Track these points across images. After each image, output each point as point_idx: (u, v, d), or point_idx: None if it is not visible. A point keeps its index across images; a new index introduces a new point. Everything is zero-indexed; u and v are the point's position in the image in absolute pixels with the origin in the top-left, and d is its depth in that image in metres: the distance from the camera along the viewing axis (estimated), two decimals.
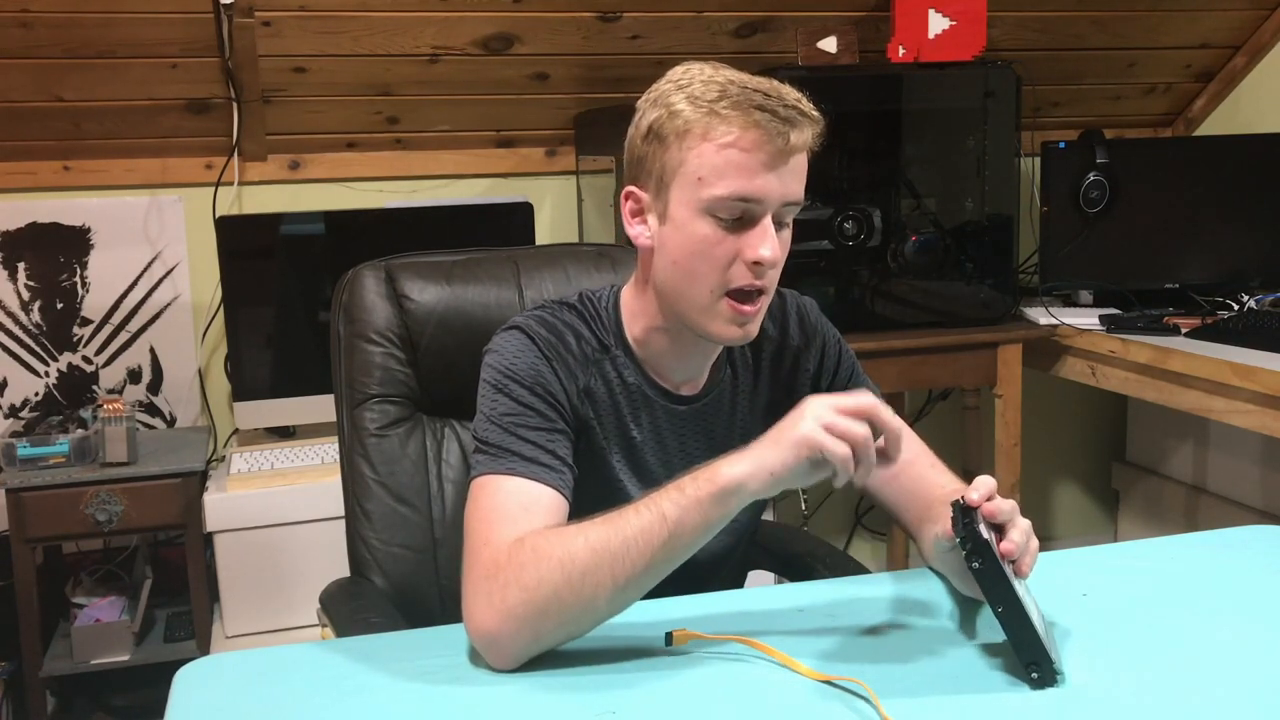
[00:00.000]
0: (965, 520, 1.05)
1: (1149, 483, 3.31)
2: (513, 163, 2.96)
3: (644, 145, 1.20)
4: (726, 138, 1.14)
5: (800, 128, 1.15)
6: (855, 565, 1.56)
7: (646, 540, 1.05)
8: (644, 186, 1.22)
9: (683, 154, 1.16)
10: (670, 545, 1.05)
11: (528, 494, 1.14)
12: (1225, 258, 2.86)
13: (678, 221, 1.18)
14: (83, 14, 2.38)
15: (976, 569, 1.03)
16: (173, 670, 1.11)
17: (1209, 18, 3.03)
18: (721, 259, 1.17)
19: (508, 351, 1.23)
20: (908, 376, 2.67)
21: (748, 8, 2.71)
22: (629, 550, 1.04)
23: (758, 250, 1.15)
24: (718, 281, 1.17)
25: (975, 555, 1.03)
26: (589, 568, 1.04)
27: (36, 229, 2.68)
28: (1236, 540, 1.42)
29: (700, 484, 1.06)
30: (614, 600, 1.07)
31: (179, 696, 1.06)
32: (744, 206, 1.15)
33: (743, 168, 1.14)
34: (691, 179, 1.16)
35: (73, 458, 2.39)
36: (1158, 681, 1.04)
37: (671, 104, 1.17)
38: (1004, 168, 2.64)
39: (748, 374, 1.36)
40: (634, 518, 1.06)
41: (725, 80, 1.16)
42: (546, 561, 1.05)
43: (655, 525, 1.05)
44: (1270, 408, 2.22)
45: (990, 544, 1.03)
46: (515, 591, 1.05)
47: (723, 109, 1.14)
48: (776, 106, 1.13)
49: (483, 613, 1.06)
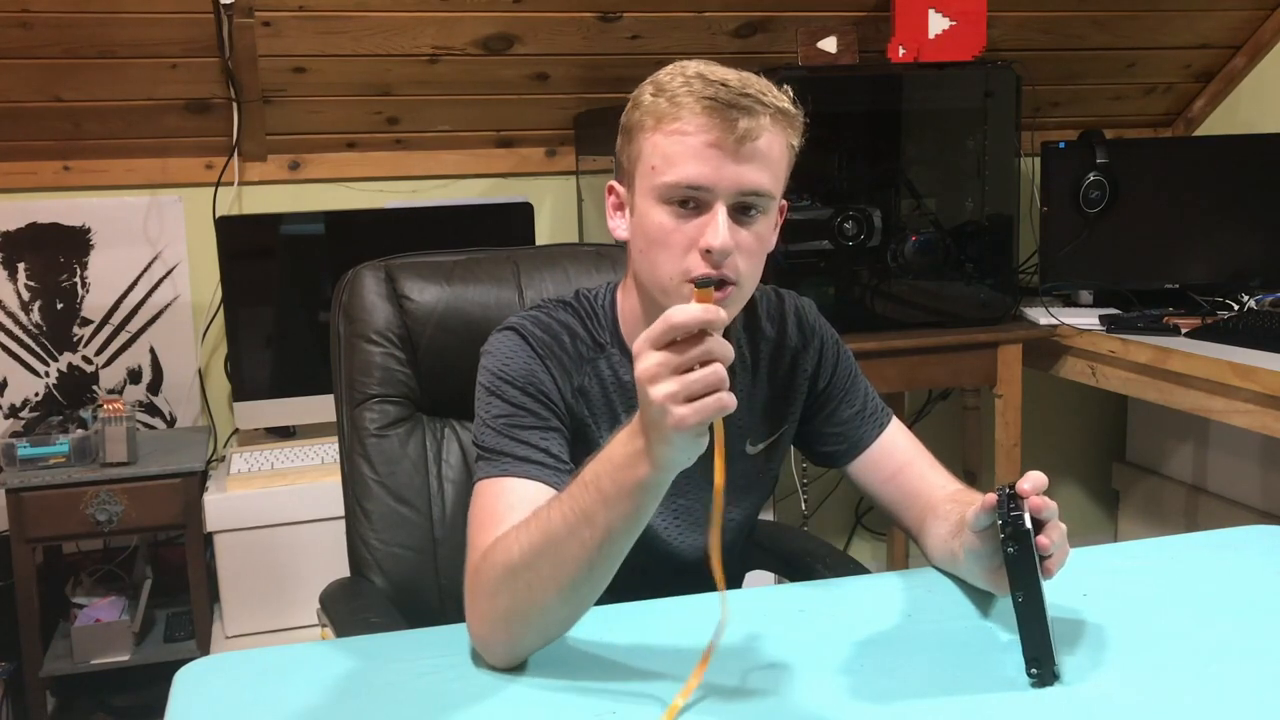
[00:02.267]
0: (1011, 505, 1.05)
1: (1149, 483, 3.31)
2: (513, 163, 2.96)
3: (620, 140, 1.22)
4: (674, 124, 1.14)
5: (755, 115, 1.12)
6: (855, 565, 1.56)
7: (572, 539, 1.01)
8: (621, 180, 1.23)
9: (640, 144, 1.17)
10: (602, 542, 1.01)
11: (516, 493, 1.15)
12: (1225, 258, 2.86)
13: (640, 211, 1.19)
14: (83, 14, 2.38)
15: (1011, 553, 1.04)
16: (173, 670, 1.11)
17: (1209, 18, 3.03)
18: (678, 247, 1.16)
19: (501, 353, 1.23)
20: (908, 376, 2.67)
21: (748, 8, 2.71)
22: (558, 550, 1.02)
23: (705, 238, 1.13)
24: (677, 270, 1.16)
25: (1013, 540, 1.04)
26: (522, 573, 1.03)
27: (36, 229, 2.68)
28: (1236, 540, 1.42)
29: (615, 480, 1.00)
30: (569, 599, 1.04)
31: (179, 696, 1.06)
32: (693, 194, 1.14)
33: (690, 155, 1.13)
34: (646, 168, 1.16)
35: (73, 458, 2.39)
36: (1158, 681, 1.04)
37: (639, 98, 1.19)
38: (1004, 168, 2.64)
39: (746, 373, 1.35)
40: (558, 516, 1.02)
41: (694, 73, 1.15)
42: (495, 569, 1.05)
43: (579, 525, 1.01)
44: (1270, 408, 2.22)
45: (1030, 533, 1.04)
46: (483, 599, 1.06)
47: (680, 98, 1.14)
48: (732, 95, 1.12)
49: (469, 617, 1.09)
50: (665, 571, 1.28)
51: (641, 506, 1.01)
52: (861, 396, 1.40)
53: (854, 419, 1.38)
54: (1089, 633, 1.13)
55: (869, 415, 1.39)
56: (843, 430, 1.38)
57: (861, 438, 1.38)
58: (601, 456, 1.02)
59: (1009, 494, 1.07)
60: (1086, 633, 1.13)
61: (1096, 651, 1.09)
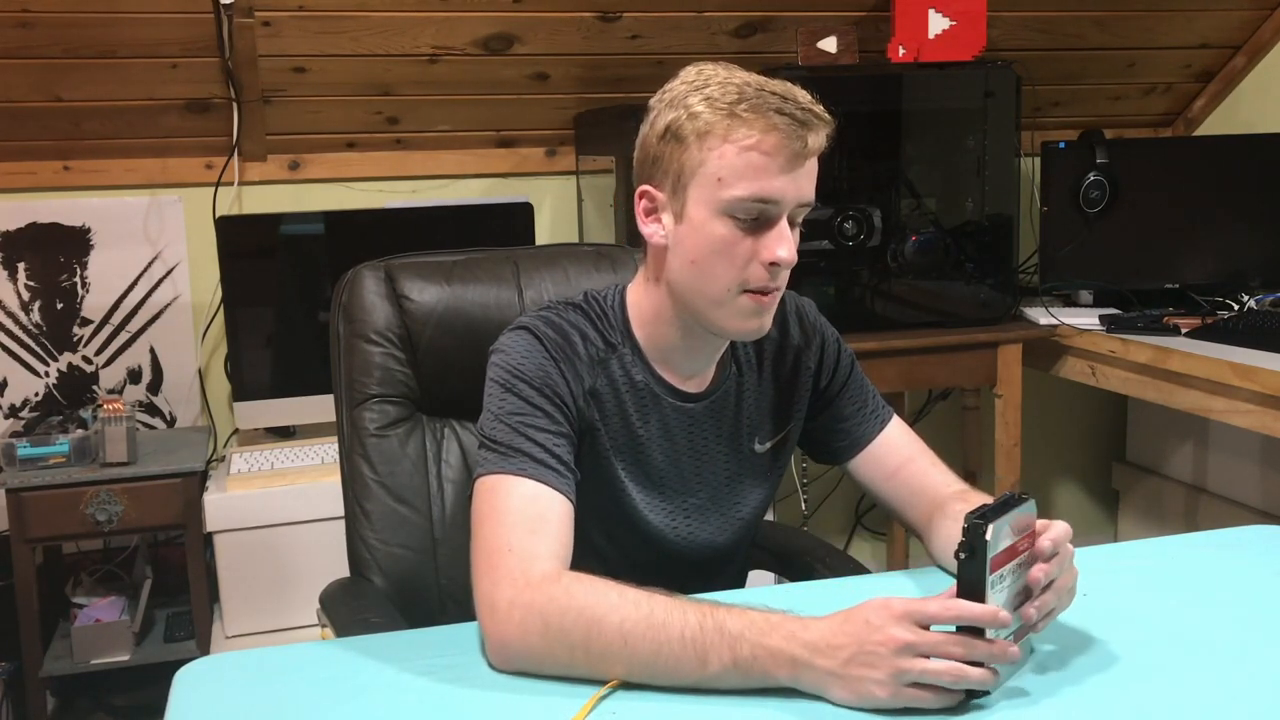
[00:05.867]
0: (991, 514, 0.97)
1: (1149, 483, 3.31)
2: (513, 163, 2.96)
3: (660, 145, 1.20)
4: (747, 140, 1.15)
5: (816, 130, 1.16)
6: (855, 565, 1.56)
7: (675, 662, 1.00)
8: (659, 186, 1.22)
9: (703, 154, 1.17)
10: (694, 679, 1.01)
11: (542, 501, 1.14)
12: (1225, 258, 2.86)
13: (695, 221, 1.19)
14: (83, 14, 2.38)
15: (960, 558, 0.98)
16: (173, 670, 1.11)
17: (1209, 18, 3.03)
18: (739, 259, 1.18)
19: (516, 351, 1.23)
20: (908, 376, 2.67)
21: (748, 8, 2.71)
22: (654, 660, 1.01)
23: (775, 251, 1.16)
24: (735, 280, 1.19)
25: (967, 546, 0.97)
26: (608, 648, 1.02)
27: (36, 229, 2.68)
28: (1236, 540, 1.42)
29: (771, 658, 0.99)
30: (622, 677, 1.03)
31: (179, 696, 1.06)
32: (762, 208, 1.16)
33: (762, 170, 1.15)
34: (711, 180, 1.17)
35: (73, 458, 2.39)
36: (1158, 681, 1.04)
37: (690, 105, 1.18)
38: (1004, 168, 2.64)
39: (752, 372, 1.36)
40: (677, 631, 1.00)
41: (741, 82, 1.17)
42: (574, 614, 1.03)
43: (689, 657, 1.00)
44: (1270, 408, 2.22)
45: (988, 550, 0.96)
46: (537, 620, 1.04)
47: (743, 111, 1.15)
48: (794, 110, 1.15)
49: (504, 622, 1.06)
50: (675, 569, 1.28)
51: (755, 686, 1.00)
52: (863, 393, 1.41)
53: (856, 415, 1.39)
54: (1088, 633, 1.13)
55: (871, 412, 1.40)
56: (845, 426, 1.39)
57: (864, 434, 1.38)
58: (769, 618, 1.00)
59: (1008, 497, 1.01)
60: (1086, 633, 1.13)
61: (1096, 652, 1.09)
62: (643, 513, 1.30)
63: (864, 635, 0.97)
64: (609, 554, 1.29)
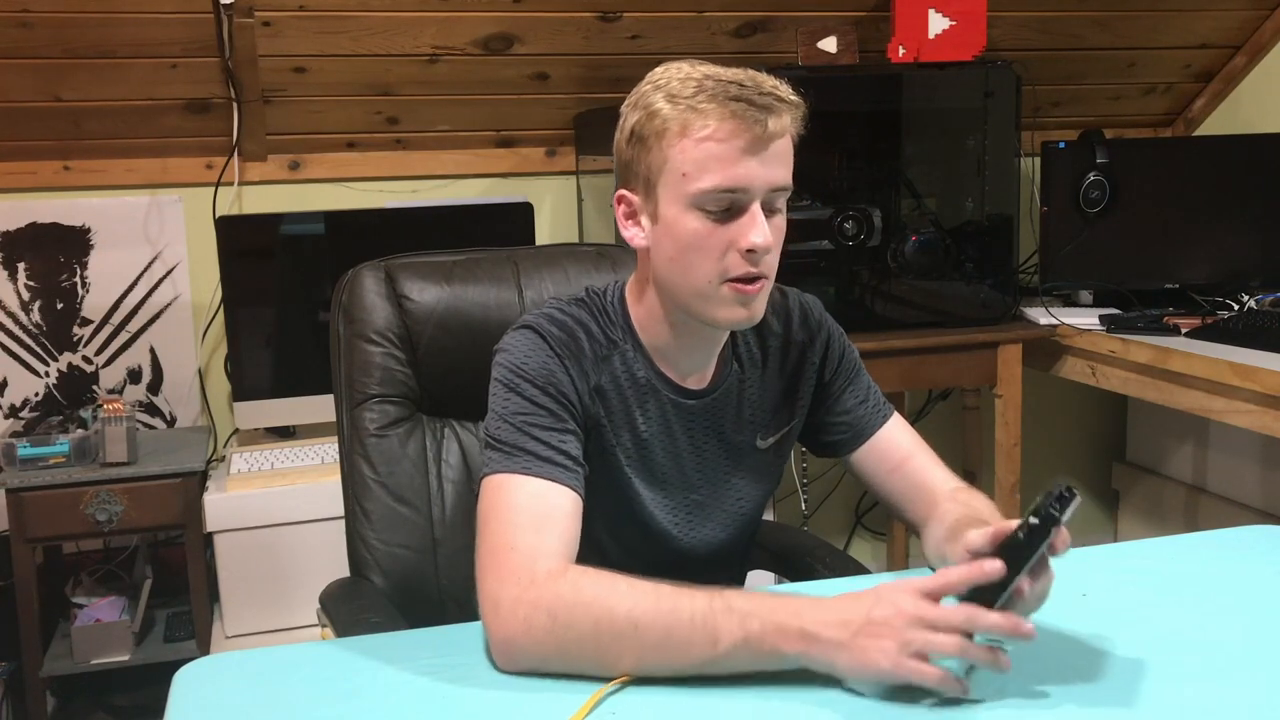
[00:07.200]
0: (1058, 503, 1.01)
1: (1149, 483, 3.31)
2: (513, 163, 2.96)
3: (629, 149, 1.21)
4: (704, 131, 1.14)
5: (777, 113, 1.15)
6: (855, 565, 1.56)
7: (686, 644, 1.01)
8: (634, 189, 1.23)
9: (664, 152, 1.17)
10: (705, 659, 1.01)
11: (548, 498, 1.14)
12: (1225, 258, 2.86)
13: (669, 219, 1.19)
14: (83, 14, 2.38)
15: (1033, 524, 1.01)
16: (173, 670, 1.11)
17: (1209, 18, 3.03)
18: (715, 250, 1.17)
19: (519, 350, 1.23)
20: (908, 376, 2.67)
21: (748, 8, 2.71)
22: (665, 643, 1.01)
23: (749, 238, 1.16)
24: (715, 272, 1.18)
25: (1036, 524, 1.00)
26: (618, 637, 1.02)
27: (36, 229, 2.68)
28: (1236, 540, 1.42)
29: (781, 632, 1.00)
30: (631, 669, 1.04)
31: (179, 696, 1.06)
32: (730, 197, 1.16)
33: (723, 159, 1.14)
34: (676, 176, 1.17)
35: (73, 458, 2.39)
36: (1157, 681, 1.04)
37: (650, 104, 1.18)
38: (1004, 168, 2.64)
39: (755, 369, 1.36)
40: (687, 614, 1.01)
41: (701, 75, 1.17)
42: (582, 608, 1.03)
43: (699, 637, 1.00)
44: (1270, 408, 2.22)
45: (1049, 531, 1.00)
46: (543, 616, 1.04)
47: (699, 103, 1.15)
48: (752, 95, 1.14)
49: (508, 620, 1.06)
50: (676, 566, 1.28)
51: (765, 666, 1.01)
52: (865, 388, 1.41)
53: (858, 408, 1.39)
54: (1089, 633, 1.13)
55: (873, 407, 1.40)
56: (847, 419, 1.39)
57: (865, 427, 1.39)
58: (778, 596, 1.01)
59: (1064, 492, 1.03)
60: (1086, 633, 1.13)
61: (1096, 652, 1.09)
62: (648, 509, 1.31)
63: (875, 608, 0.98)
64: (611, 550, 1.29)
